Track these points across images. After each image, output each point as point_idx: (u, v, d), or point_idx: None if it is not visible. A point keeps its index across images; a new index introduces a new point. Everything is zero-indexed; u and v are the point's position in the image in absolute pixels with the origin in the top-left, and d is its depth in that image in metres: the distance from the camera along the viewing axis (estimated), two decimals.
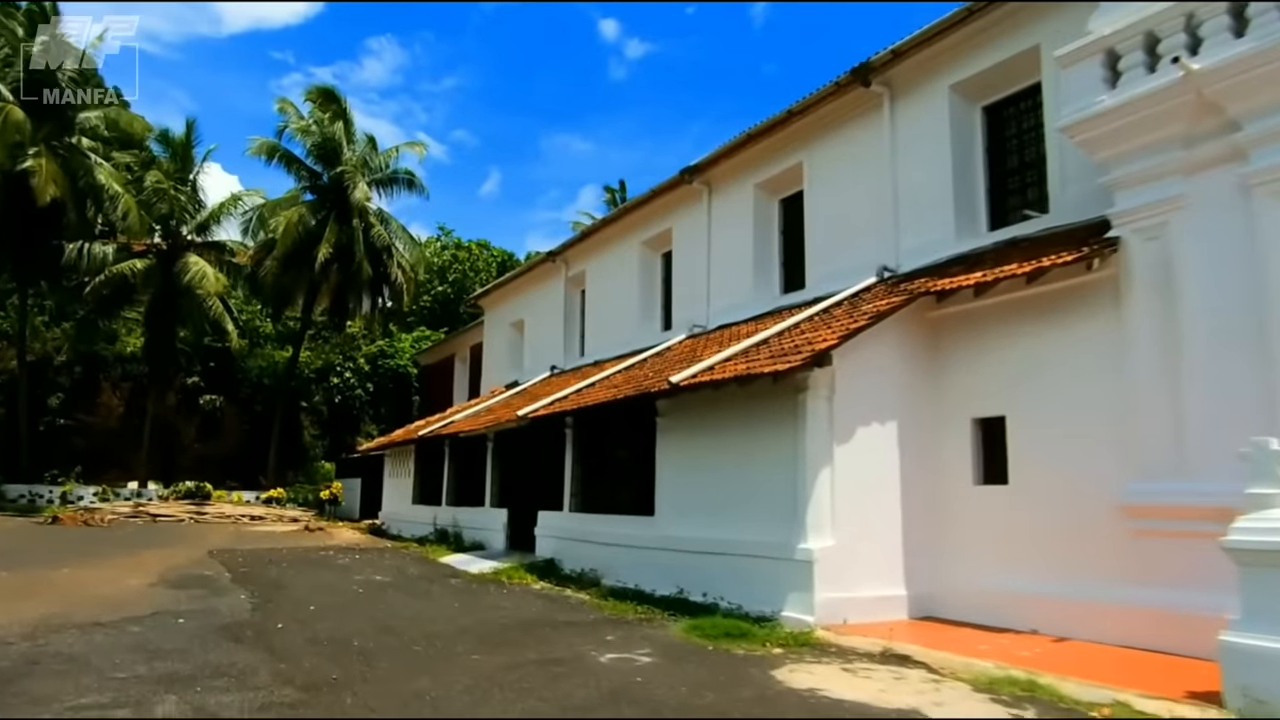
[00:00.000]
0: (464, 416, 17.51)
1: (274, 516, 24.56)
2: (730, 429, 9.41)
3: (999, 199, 10.23)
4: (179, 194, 26.05)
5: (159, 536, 18.01)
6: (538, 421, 12.77)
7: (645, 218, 16.54)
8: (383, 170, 28.35)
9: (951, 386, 9.00)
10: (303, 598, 9.55)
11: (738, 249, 13.79)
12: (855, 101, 11.38)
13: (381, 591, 10.19)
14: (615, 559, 11.05)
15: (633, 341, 16.34)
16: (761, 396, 8.87)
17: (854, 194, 11.50)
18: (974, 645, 6.93)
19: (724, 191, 14.27)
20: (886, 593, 8.40)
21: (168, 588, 10.24)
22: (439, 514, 17.74)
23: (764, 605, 8.25)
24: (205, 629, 7.48)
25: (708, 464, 9.71)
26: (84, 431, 30.74)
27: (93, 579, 10.80)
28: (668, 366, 11.46)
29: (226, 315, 27.53)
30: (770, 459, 8.69)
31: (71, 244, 23.79)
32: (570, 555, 12.23)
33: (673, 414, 10.50)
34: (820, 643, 7.12)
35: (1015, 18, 9.32)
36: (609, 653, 6.62)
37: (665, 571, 9.96)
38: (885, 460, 8.69)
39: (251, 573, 11.93)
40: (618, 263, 17.44)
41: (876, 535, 8.44)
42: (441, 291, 42.90)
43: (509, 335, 22.82)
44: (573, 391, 13.07)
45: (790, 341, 8.81)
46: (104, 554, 14.06)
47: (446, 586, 10.81)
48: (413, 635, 7.27)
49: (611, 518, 11.58)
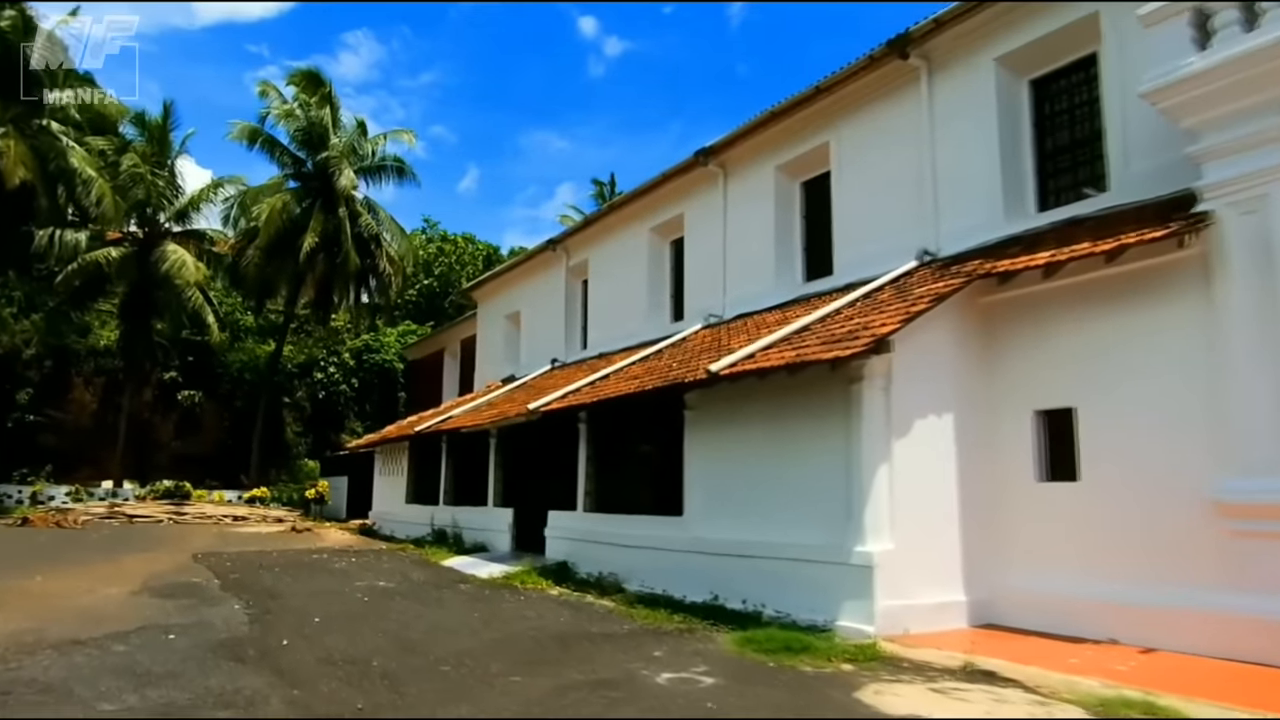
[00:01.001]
0: (463, 411, 16.70)
1: (258, 517, 23.56)
2: (770, 422, 8.72)
3: (1047, 178, 9.64)
4: (156, 179, 24.86)
5: (138, 539, 17.02)
6: (549, 416, 12.02)
7: (654, 203, 15.81)
8: (370, 158, 27.30)
9: (1009, 377, 8.37)
10: (303, 607, 8.73)
11: (757, 235, 13.10)
12: (890, 76, 10.73)
13: (389, 600, 9.40)
14: (638, 562, 10.34)
15: (640, 333, 15.62)
16: (807, 387, 8.20)
17: (887, 175, 10.85)
18: (1061, 658, 6.30)
19: (741, 174, 13.57)
20: (945, 599, 7.76)
21: (153, 597, 9.38)
22: (436, 514, 16.91)
23: (814, 614, 7.58)
24: (200, 646, 6.66)
25: (744, 460, 9.03)
26: (55, 428, 29.44)
27: (69, 588, 9.90)
28: (691, 357, 10.75)
29: (207, 307, 26.36)
30: (819, 455, 8.02)
31: (42, 230, 22.56)
32: (585, 558, 11.49)
33: (702, 407, 9.80)
34: (890, 657, 6.46)
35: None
36: (663, 672, 5.90)
37: (696, 576, 9.27)
38: (942, 456, 8.04)
39: (243, 579, 11.07)
40: (624, 251, 16.69)
41: (935, 537, 7.80)
42: (427, 285, 41.89)
43: (504, 328, 21.99)
44: (585, 384, 12.32)
45: (840, 327, 8.14)
46: (79, 559, 13.11)
47: (458, 593, 10.03)
48: (437, 652, 6.51)
49: (632, 518, 10.86)
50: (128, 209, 24.45)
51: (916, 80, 10.44)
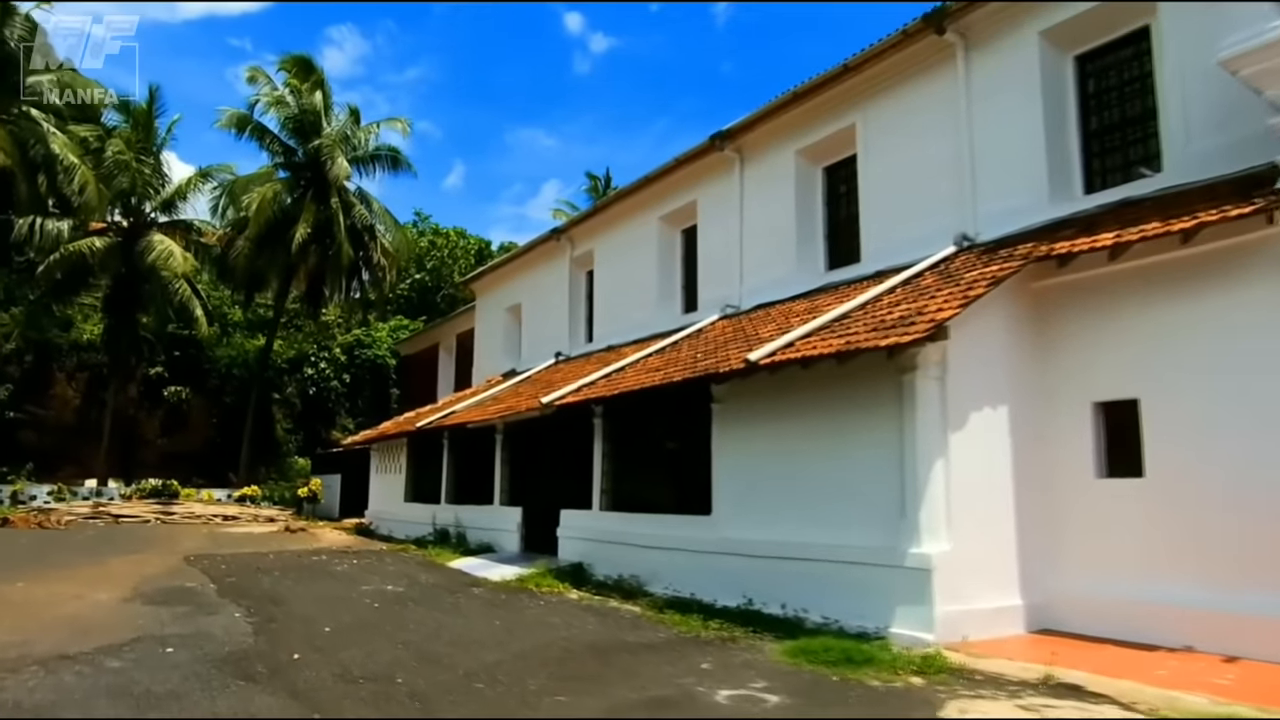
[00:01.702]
0: (465, 407, 16.09)
1: (249, 516, 22.82)
2: (811, 415, 8.20)
3: (1093, 159, 9.17)
4: (142, 166, 23.98)
5: (125, 540, 16.30)
6: (564, 410, 11.45)
7: (664, 191, 15.25)
8: (363, 147, 26.52)
9: (1064, 367, 7.89)
10: (310, 615, 8.14)
11: (776, 222, 12.57)
12: (923, 53, 10.22)
13: (400, 606, 8.81)
14: (661, 564, 9.81)
15: (650, 324, 15.08)
16: (853, 378, 7.69)
17: (919, 157, 10.35)
18: (1145, 668, 5.82)
19: (759, 159, 13.04)
20: (1002, 603, 7.27)
21: (145, 604, 8.74)
22: (438, 513, 16.30)
23: (863, 620, 7.08)
24: (202, 661, 6.07)
25: (780, 456, 8.51)
26: (36, 425, 28.50)
27: (54, 594, 9.25)
28: (716, 348, 10.22)
29: (195, 299, 25.49)
30: (866, 450, 7.50)
31: (22, 219, 21.67)
32: (602, 559, 10.95)
33: (732, 399, 9.27)
34: (959, 668, 5.95)
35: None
36: (719, 688, 5.37)
37: (727, 579, 8.75)
38: (996, 450, 7.55)
39: (240, 583, 10.44)
40: (632, 240, 16.12)
41: (991, 537, 7.31)
42: (419, 279, 41.11)
43: (504, 321, 21.37)
44: (600, 377, 11.76)
45: (888, 313, 7.62)
46: (64, 562, 12.41)
47: (472, 598, 9.46)
48: (466, 666, 5.95)
49: (654, 517, 10.31)
50: (112, 198, 23.58)
51: (952, 57, 9.95)
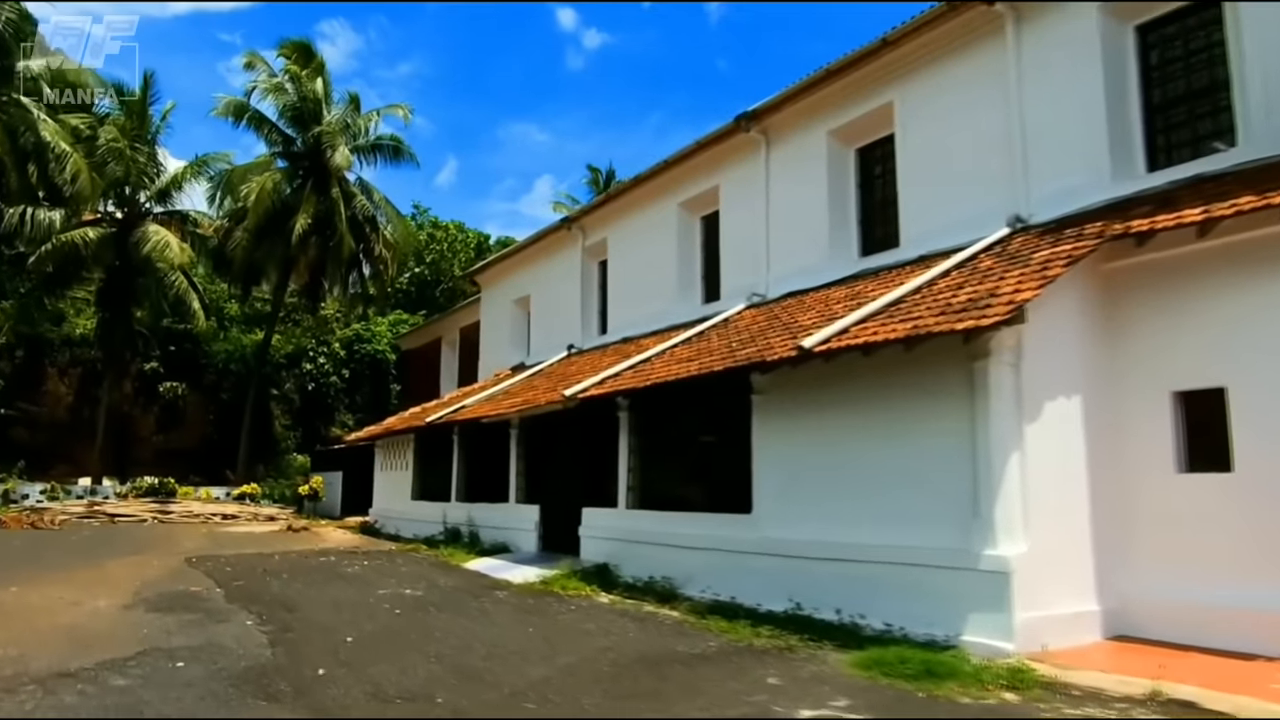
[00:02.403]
0: (477, 401, 15.51)
1: (248, 515, 22.20)
2: (866, 406, 7.66)
3: (1156, 134, 8.64)
4: (136, 154, 23.25)
5: (122, 541, 15.68)
6: (586, 404, 10.88)
7: (684, 176, 14.67)
8: (363, 135, 25.80)
9: (1136, 353, 7.36)
10: (328, 623, 7.57)
11: (806, 207, 12.02)
12: (970, 25, 9.67)
13: (423, 612, 8.25)
14: (695, 565, 9.27)
15: (669, 315, 14.52)
16: (915, 365, 7.15)
17: (964, 136, 9.81)
18: (1257, 682, 5.30)
19: (787, 141, 12.48)
20: (1080, 609, 6.76)
21: (149, 611, 8.16)
22: (449, 511, 15.72)
23: (930, 627, 6.55)
24: (217, 677, 5.50)
25: (830, 450, 7.96)
26: (28, 422, 27.81)
27: (50, 601, 8.65)
28: (752, 337, 9.67)
29: (191, 292, 24.78)
30: (932, 443, 6.97)
31: (12, 209, 20.95)
32: (629, 560, 10.40)
33: (774, 390, 8.72)
34: (1052, 682, 5.43)
35: None
36: (799, 708, 4.83)
37: (770, 581, 8.22)
38: (1071, 443, 7.03)
39: (248, 587, 9.86)
40: (649, 228, 15.55)
41: (1067, 537, 6.80)
42: (418, 273, 40.43)
43: (512, 313, 20.77)
44: (625, 368, 11.20)
45: (953, 296, 7.08)
46: (60, 564, 11.80)
47: (498, 603, 8.89)
48: (510, 683, 5.39)
49: (687, 516, 9.77)
50: (105, 187, 22.86)
51: (1001, 30, 9.40)
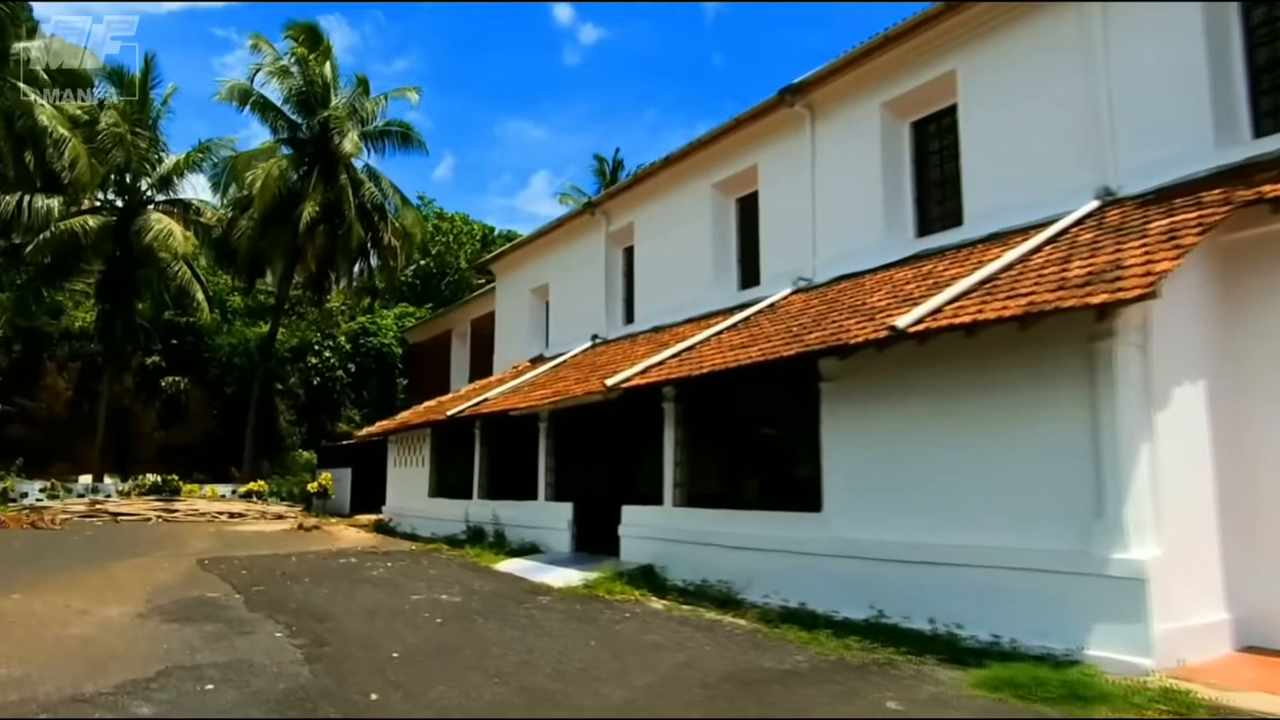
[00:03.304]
0: (500, 393, 14.78)
1: (256, 513, 21.46)
2: (960, 394, 6.94)
3: (1261, 98, 7.92)
4: (138, 139, 22.44)
5: (128, 541, 14.94)
6: (626, 395, 10.16)
7: (718, 156, 13.92)
8: (371, 120, 24.96)
9: (1262, 332, 6.66)
10: (367, 635, 6.85)
11: (858, 185, 11.28)
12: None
13: (467, 621, 7.52)
14: (754, 568, 8.57)
15: (704, 302, 13.79)
16: (1021, 347, 6.45)
17: (1037, 106, 9.07)
18: None
19: (836, 115, 11.73)
20: (1212, 617, 6.06)
21: (165, 621, 7.43)
22: (471, 509, 15.00)
23: (1046, 639, 5.86)
24: (255, 702, 4.79)
25: (916, 442, 7.25)
26: (25, 418, 27.00)
27: (56, 609, 7.92)
28: (814, 320, 8.94)
29: (195, 283, 23.98)
30: (1043, 435, 6.26)
31: (9, 196, 20.13)
32: (677, 561, 9.70)
33: (846, 377, 8.01)
34: (1215, 705, 4.72)
35: None
36: None
37: (845, 586, 7.53)
38: (1197, 433, 6.34)
39: (269, 593, 9.13)
40: (680, 211, 14.80)
41: (1198, 538, 6.11)
42: (423, 266, 39.64)
43: (530, 304, 20.02)
44: (670, 356, 10.48)
45: (1062, 271, 6.35)
46: (64, 568, 11.07)
47: (545, 610, 8.17)
48: (589, 706, 4.70)
49: (743, 514, 9.06)
50: (105, 174, 22.06)
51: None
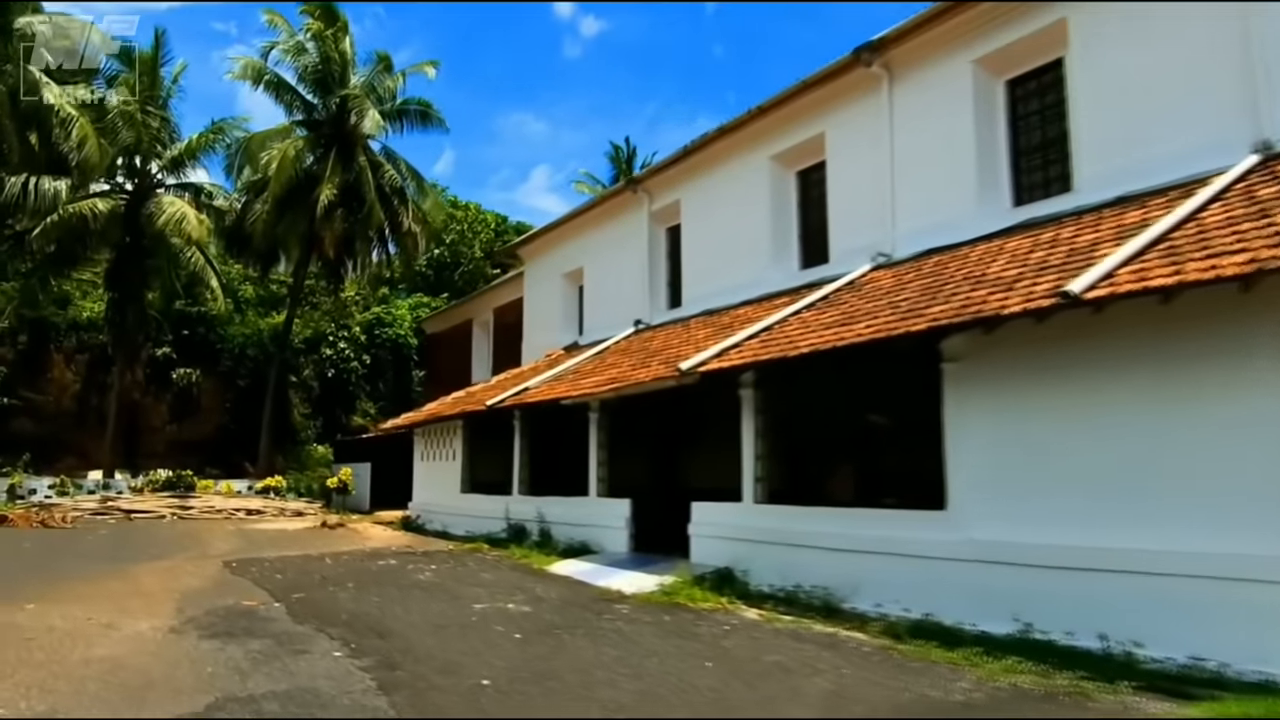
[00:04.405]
0: (542, 382, 13.81)
1: (274, 510, 20.54)
2: (1126, 372, 5.97)
3: None
4: (148, 118, 21.44)
5: (145, 541, 14.03)
6: (706, 379, 9.19)
7: (777, 125, 12.90)
8: (390, 99, 23.90)
9: None
10: (439, 655, 5.90)
11: (946, 151, 10.27)
12: None
13: (549, 637, 6.56)
14: (863, 573, 7.60)
15: (763, 282, 12.82)
16: (1215, 318, 5.47)
17: (1168, 57, 8.07)
18: None
19: (919, 76, 10.72)
20: None
21: (204, 636, 6.49)
22: (511, 505, 14.05)
23: (1267, 664, 4.90)
24: None
25: (1073, 430, 6.27)
26: (32, 412, 26.10)
27: (77, 622, 6.98)
28: (921, 295, 7.95)
29: (209, 269, 23.02)
30: (1246, 420, 5.28)
31: (14, 177, 19.16)
32: (760, 564, 8.74)
33: (976, 357, 7.03)
34: None
35: None
36: None
37: (980, 595, 6.58)
38: None
39: (312, 601, 8.19)
40: (733, 187, 13.79)
41: None
42: (437, 255, 38.61)
43: (562, 289, 19.04)
44: (746, 337, 9.50)
45: (1259, 228, 5.37)
46: (80, 572, 10.15)
47: (630, 622, 7.22)
48: None
49: (844, 513, 8.09)
50: (115, 155, 21.07)
51: None
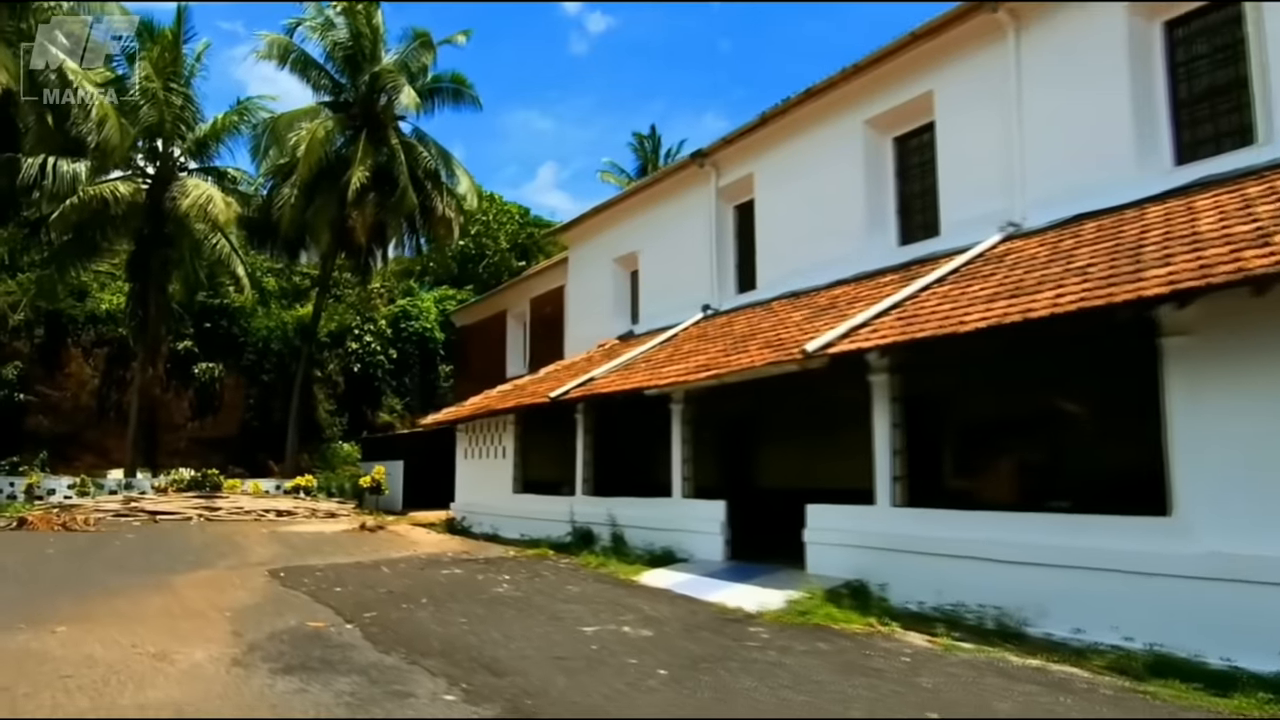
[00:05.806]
0: (608, 371, 12.57)
1: (306, 511, 19.39)
2: None
3: None
4: (171, 95, 20.30)
5: (177, 546, 12.88)
6: (839, 361, 7.92)
7: (873, 86, 11.64)
8: (422, 78, 22.66)
9: None
10: (580, 700, 4.67)
11: (1091, 106, 9.01)
12: None
13: (705, 674, 5.32)
14: (1049, 591, 6.35)
15: (856, 260, 11.62)
16: None
17: None
18: None
19: (1055, 20, 9.46)
20: None
21: (275, 671, 5.28)
22: (576, 507, 12.82)
23: None
24: None
25: None
26: (49, 409, 25.05)
27: (122, 651, 5.79)
28: (1094, 263, 6.69)
29: (235, 257, 21.86)
30: None
31: (31, 158, 18.05)
32: (901, 577, 7.51)
33: (1209, 330, 5.76)
34: None
35: None
36: None
37: (1230, 623, 5.36)
38: None
39: (387, 620, 6.98)
40: (819, 156, 12.53)
41: None
42: (460, 247, 37.39)
43: (613, 275, 17.80)
44: (876, 314, 8.22)
45: None
46: (112, 584, 8.99)
47: (782, 651, 5.96)
48: None
49: (1021, 518, 6.81)
50: (137, 136, 19.92)
51: None
